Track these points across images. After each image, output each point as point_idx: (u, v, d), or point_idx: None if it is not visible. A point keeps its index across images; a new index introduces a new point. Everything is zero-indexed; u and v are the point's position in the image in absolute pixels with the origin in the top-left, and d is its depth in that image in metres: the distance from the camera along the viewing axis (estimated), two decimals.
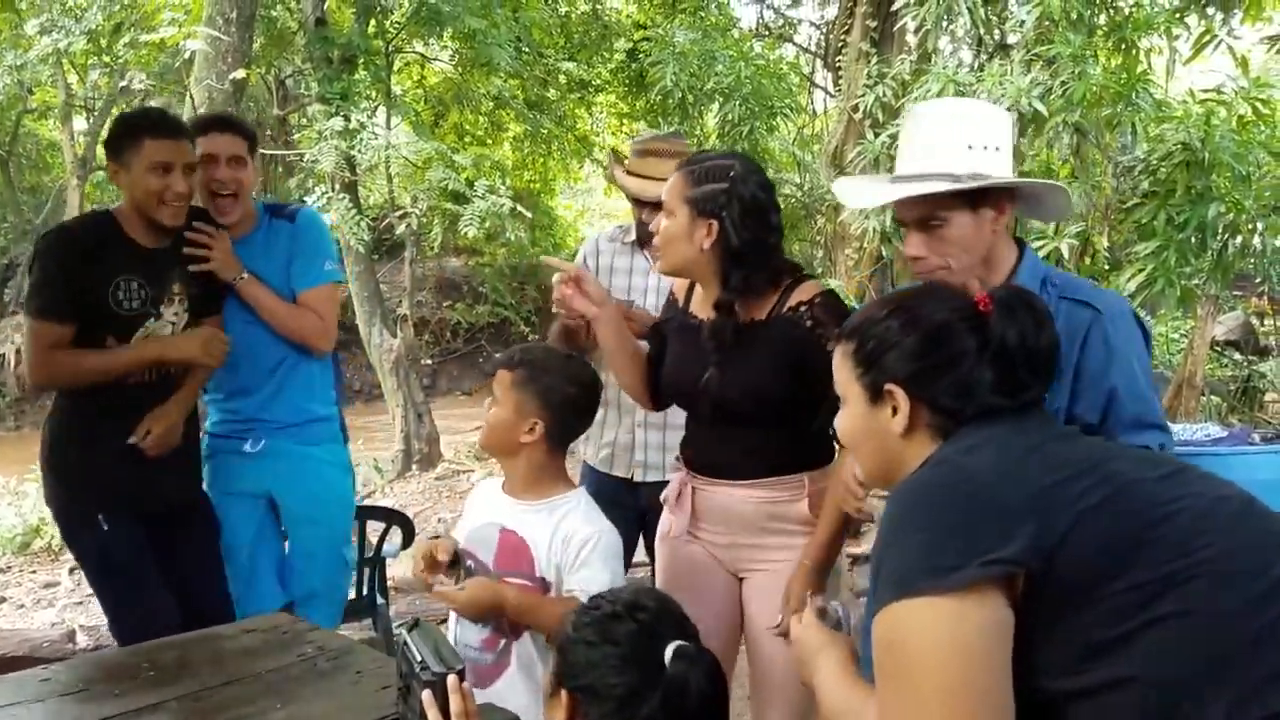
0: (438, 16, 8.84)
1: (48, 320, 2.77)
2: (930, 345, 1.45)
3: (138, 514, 2.89)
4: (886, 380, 1.46)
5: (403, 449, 9.61)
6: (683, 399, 2.49)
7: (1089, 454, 1.35)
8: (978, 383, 1.42)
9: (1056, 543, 1.22)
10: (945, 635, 1.21)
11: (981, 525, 1.25)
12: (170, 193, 2.77)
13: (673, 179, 2.34)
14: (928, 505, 1.31)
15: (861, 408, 1.51)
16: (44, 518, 6.84)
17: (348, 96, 8.98)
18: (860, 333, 1.52)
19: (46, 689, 2.04)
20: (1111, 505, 1.26)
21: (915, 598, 1.23)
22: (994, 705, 1.21)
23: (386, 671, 1.98)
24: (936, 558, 1.23)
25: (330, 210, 8.49)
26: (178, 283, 2.91)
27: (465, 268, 17.43)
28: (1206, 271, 5.33)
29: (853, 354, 1.52)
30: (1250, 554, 1.24)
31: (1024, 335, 1.44)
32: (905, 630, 1.24)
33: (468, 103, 12.69)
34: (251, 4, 6.51)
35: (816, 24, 12.77)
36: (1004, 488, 1.28)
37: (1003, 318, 1.45)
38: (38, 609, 5.76)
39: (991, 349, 1.43)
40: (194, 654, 2.23)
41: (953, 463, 1.35)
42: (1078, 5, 5.34)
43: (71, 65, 10.35)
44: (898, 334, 1.47)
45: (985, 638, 1.22)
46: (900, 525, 1.31)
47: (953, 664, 1.21)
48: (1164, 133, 5.16)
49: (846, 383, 1.53)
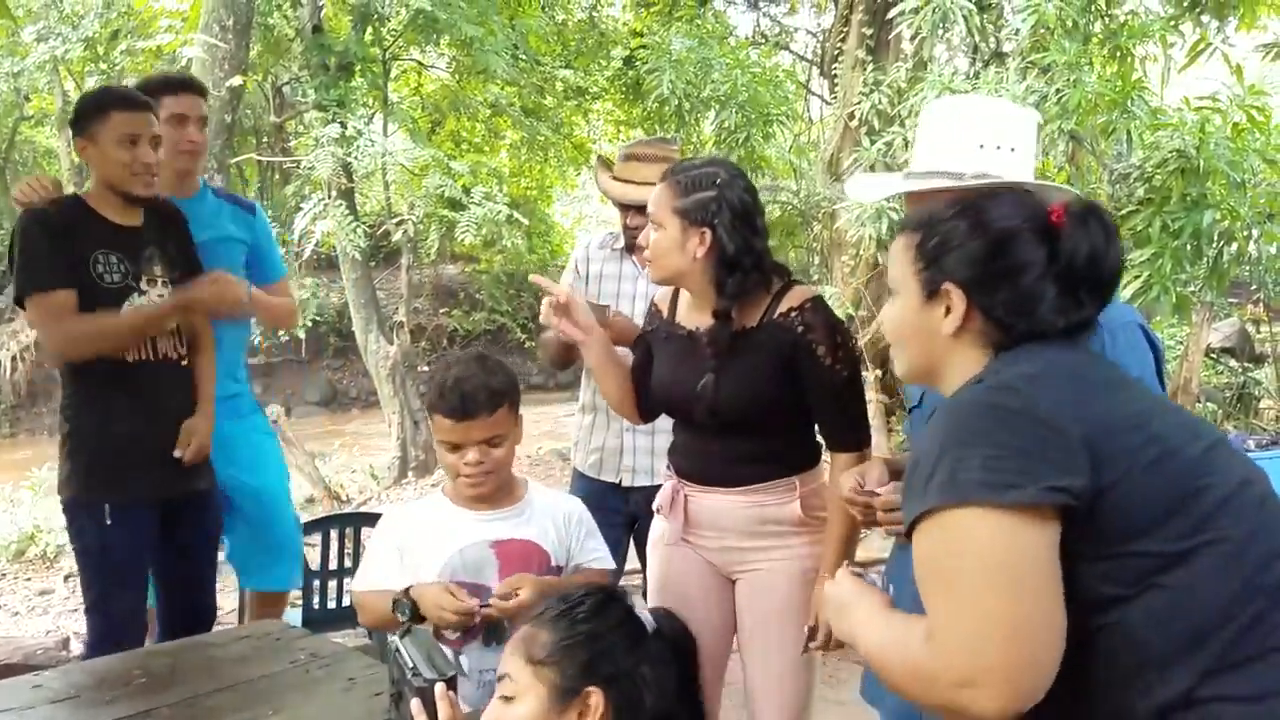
0: (434, 24, 8.85)
1: (47, 289, 2.76)
2: (996, 252, 1.40)
3: (147, 501, 2.88)
4: (946, 279, 1.41)
5: (399, 455, 9.59)
6: (675, 408, 2.46)
7: (1141, 409, 1.34)
8: (1039, 298, 1.38)
9: (1105, 489, 1.23)
10: (1002, 545, 1.20)
11: (1044, 453, 1.23)
12: (139, 164, 2.81)
13: (658, 190, 2.31)
14: (990, 423, 1.27)
15: (914, 302, 1.46)
16: (39, 525, 6.82)
17: (344, 103, 9.00)
18: (927, 226, 1.46)
19: (38, 696, 2.02)
20: (1157, 469, 1.26)
21: (972, 507, 1.21)
22: (1046, 613, 1.20)
23: (379, 678, 1.97)
24: (998, 474, 1.21)
25: (327, 217, 8.49)
26: (158, 265, 2.92)
27: (462, 275, 17.44)
28: (1202, 278, 5.35)
29: (915, 246, 1.46)
30: (1260, 542, 1.26)
31: (1094, 253, 1.38)
32: (961, 537, 1.23)
33: (465, 110, 12.71)
34: (248, 11, 6.53)
35: (813, 32, 12.80)
36: (1066, 423, 1.25)
37: (1075, 232, 1.39)
38: (32, 616, 5.73)
39: (1059, 264, 1.38)
40: (186, 661, 2.22)
41: (1016, 388, 1.31)
42: (1073, 13, 5.36)
43: (68, 72, 10.36)
44: (965, 235, 1.42)
45: (1039, 554, 1.21)
46: (959, 437, 1.28)
47: (1008, 572, 1.20)
48: (1159, 140, 5.17)
49: (903, 275, 1.48)
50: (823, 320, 2.29)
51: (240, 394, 3.37)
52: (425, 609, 2.05)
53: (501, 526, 2.20)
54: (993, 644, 1.18)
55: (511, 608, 2.04)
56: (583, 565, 2.25)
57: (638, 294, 3.22)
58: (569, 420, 8.98)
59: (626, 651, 1.50)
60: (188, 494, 2.94)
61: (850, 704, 2.39)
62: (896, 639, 1.34)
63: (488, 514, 2.21)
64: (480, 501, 2.21)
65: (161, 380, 2.90)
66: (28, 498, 7.32)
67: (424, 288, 16.26)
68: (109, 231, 2.84)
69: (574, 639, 1.51)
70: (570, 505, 2.33)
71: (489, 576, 2.16)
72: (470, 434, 2.13)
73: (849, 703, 2.43)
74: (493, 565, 2.17)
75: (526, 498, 2.27)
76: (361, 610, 2.26)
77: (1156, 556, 1.24)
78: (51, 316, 2.77)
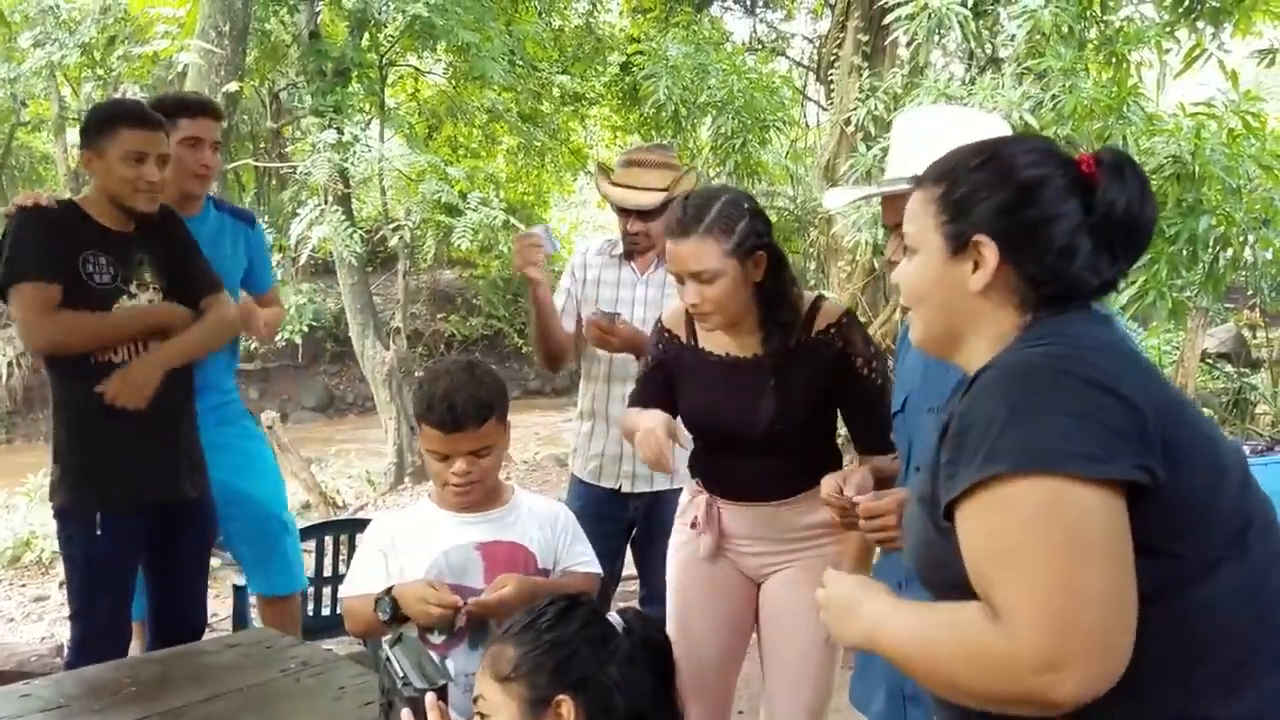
0: (431, 30, 8.86)
1: (32, 280, 2.74)
2: (1029, 200, 1.29)
3: (137, 506, 2.87)
4: (976, 231, 1.30)
5: (395, 461, 9.58)
6: (724, 432, 2.43)
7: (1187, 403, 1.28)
8: (1073, 252, 1.28)
9: (1170, 479, 1.15)
10: (1090, 518, 1.11)
11: (1122, 425, 1.14)
12: (143, 181, 2.82)
13: (698, 246, 2.25)
14: (1062, 390, 1.17)
15: (938, 258, 1.34)
16: (34, 531, 6.80)
17: (341, 109, 9.00)
18: (951, 177, 1.35)
19: (26, 705, 2.01)
20: (1211, 470, 1.21)
21: (1055, 477, 1.11)
22: (1128, 594, 1.12)
23: (369, 687, 1.96)
24: (1079, 444, 1.12)
25: (323, 222, 8.49)
26: (149, 272, 2.91)
27: (459, 280, 17.44)
28: (1198, 284, 5.34)
29: (939, 199, 1.35)
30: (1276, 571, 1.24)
31: (1130, 205, 1.29)
32: (1040, 507, 1.12)
33: (461, 116, 12.70)
34: (245, 17, 6.53)
35: (809, 38, 12.82)
36: (1136, 395, 1.16)
37: (1111, 183, 1.29)
38: (26, 623, 5.71)
39: (1095, 216, 1.28)
40: (176, 669, 2.21)
41: (1083, 356, 1.20)
42: (1068, 19, 5.36)
43: (65, 78, 10.35)
44: (993, 183, 1.31)
45: (1121, 531, 1.12)
46: (1027, 402, 1.17)
47: (1095, 547, 1.11)
48: (1155, 146, 5.17)
49: (924, 230, 1.36)
50: (859, 334, 2.38)
51: (229, 401, 3.40)
52: (407, 606, 2.04)
53: (487, 529, 2.20)
54: (1082, 622, 1.09)
55: (493, 600, 2.04)
56: (569, 569, 2.24)
57: (636, 299, 3.23)
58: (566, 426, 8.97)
59: (593, 655, 1.48)
60: (179, 500, 2.93)
61: (844, 710, 2.38)
62: (943, 625, 1.22)
63: (473, 517, 2.20)
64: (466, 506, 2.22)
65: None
66: (23, 504, 7.30)
67: (421, 293, 16.26)
68: (101, 234, 2.85)
69: (539, 649, 1.49)
70: (556, 510, 2.34)
71: (474, 578, 2.15)
72: (459, 446, 2.12)
73: (844, 709, 2.42)
74: (478, 567, 2.16)
75: (512, 502, 2.26)
76: (348, 617, 2.25)
77: (1187, 562, 1.17)
78: (35, 308, 2.74)
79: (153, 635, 3.00)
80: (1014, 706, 1.15)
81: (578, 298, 3.30)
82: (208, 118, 3.23)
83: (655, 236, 3.18)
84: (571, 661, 1.47)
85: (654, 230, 3.16)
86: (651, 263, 3.25)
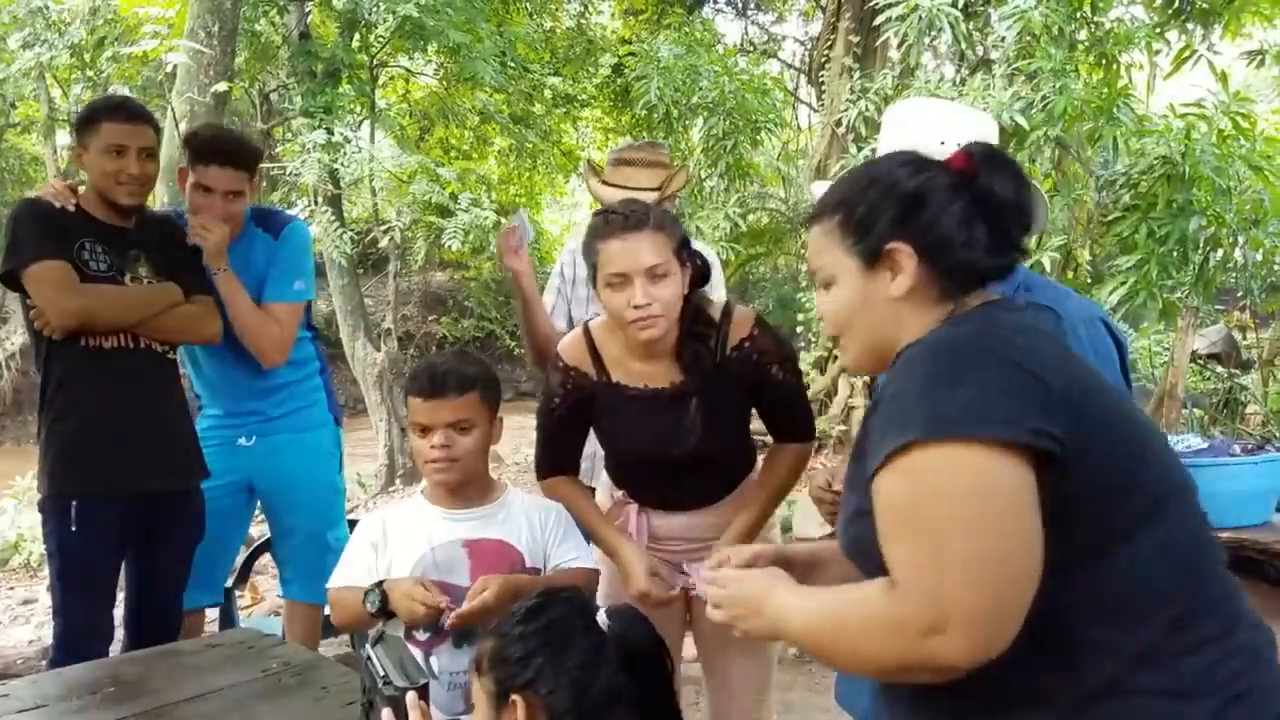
0: (422, 31, 8.83)
1: (46, 259, 2.76)
2: (924, 203, 1.38)
3: (116, 496, 2.85)
4: (886, 241, 1.38)
5: (386, 463, 9.57)
6: (650, 460, 2.40)
7: (1106, 382, 1.32)
8: (974, 239, 1.38)
9: (1082, 448, 1.19)
10: (984, 483, 1.15)
11: (1029, 396, 1.18)
12: (124, 174, 2.84)
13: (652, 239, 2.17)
14: (968, 361, 1.23)
15: (857, 279, 1.41)
16: (22, 533, 6.77)
17: (332, 110, 8.98)
18: (846, 203, 1.43)
19: (4, 705, 2.00)
20: (1130, 441, 1.26)
21: (955, 444, 1.16)
22: (1023, 557, 1.15)
23: (351, 687, 1.94)
24: (983, 410, 1.17)
25: (313, 223, 8.46)
26: (143, 266, 2.93)
27: (450, 281, 17.42)
28: (1188, 284, 5.35)
29: (840, 225, 1.43)
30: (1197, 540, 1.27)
31: (1008, 186, 1.40)
32: (940, 475, 1.16)
33: (452, 117, 12.68)
34: (234, 17, 6.50)
35: (800, 40, 12.85)
36: (1046, 371, 1.21)
37: (988, 172, 1.40)
38: (14, 626, 5.69)
39: (985, 205, 1.39)
40: (156, 669, 2.20)
41: (994, 332, 1.29)
42: (1059, 20, 5.36)
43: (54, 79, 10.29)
44: (887, 197, 1.40)
45: (1021, 496, 1.16)
46: (938, 373, 1.23)
47: (987, 511, 1.14)
48: (1145, 147, 5.18)
49: (836, 258, 1.43)
50: (770, 338, 2.34)
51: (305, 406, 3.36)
52: (395, 601, 2.04)
53: (474, 525, 2.20)
54: (966, 585, 1.13)
55: (476, 608, 2.03)
56: (561, 566, 2.23)
57: None
58: None
59: (554, 652, 1.46)
60: (164, 492, 2.92)
61: (833, 710, 2.37)
62: (845, 601, 1.27)
63: (461, 513, 2.20)
64: (453, 498, 2.21)
65: (140, 369, 2.89)
66: (11, 506, 7.27)
67: (412, 295, 16.25)
68: (94, 227, 2.88)
69: (503, 644, 1.49)
70: (547, 506, 2.33)
71: (460, 575, 2.14)
72: (438, 414, 2.13)
73: (832, 709, 2.41)
74: (464, 564, 2.16)
75: (503, 499, 2.26)
76: (333, 607, 2.24)
77: (1108, 528, 1.20)
78: (56, 283, 2.76)
79: (127, 631, 2.99)
80: (913, 674, 1.19)
81: (568, 297, 3.29)
82: (218, 165, 3.03)
83: None
84: (530, 658, 1.45)
85: None
86: None
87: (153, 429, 2.90)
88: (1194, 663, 1.19)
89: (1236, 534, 4.31)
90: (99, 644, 2.84)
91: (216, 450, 3.24)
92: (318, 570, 3.25)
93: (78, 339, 2.80)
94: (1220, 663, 1.20)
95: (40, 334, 2.85)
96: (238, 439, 3.26)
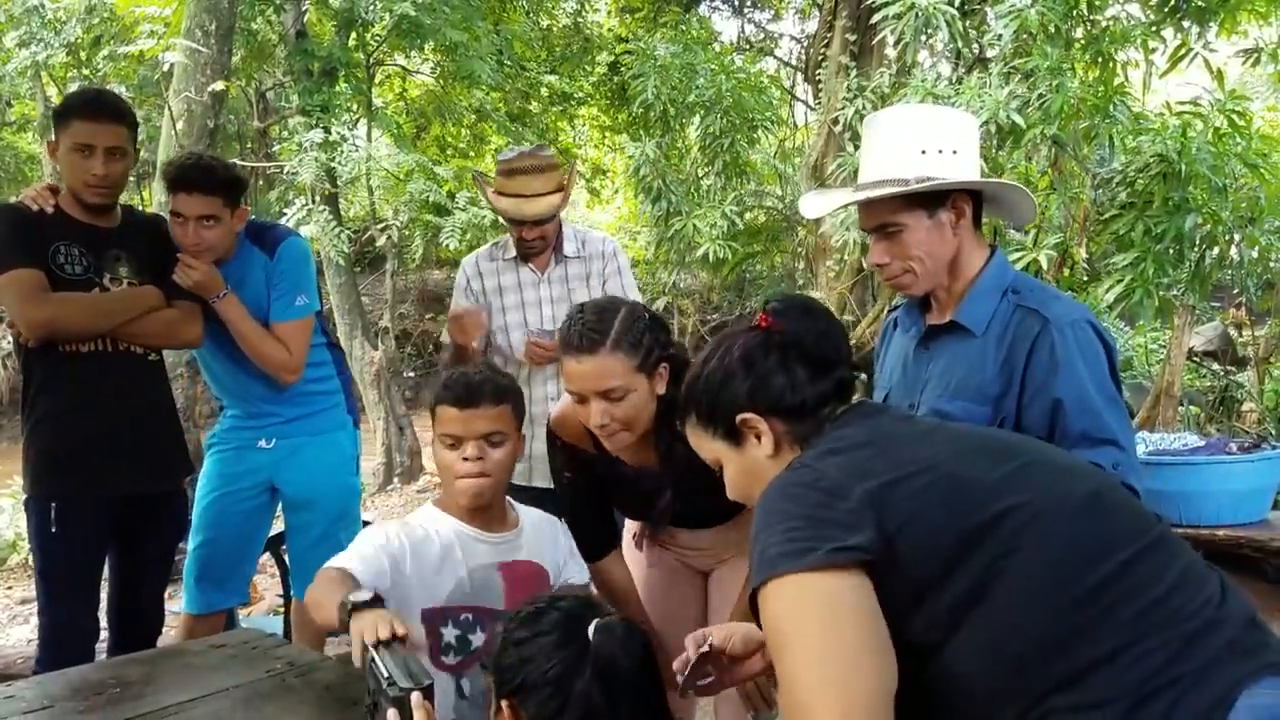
0: (418, 29, 8.83)
1: (18, 267, 2.75)
2: (746, 371, 1.59)
3: (95, 498, 2.86)
4: (734, 415, 1.59)
5: (384, 462, 9.56)
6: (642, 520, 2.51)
7: (932, 453, 1.45)
8: (798, 382, 1.58)
9: (893, 536, 1.33)
10: (810, 603, 1.30)
11: (829, 516, 1.35)
12: (90, 175, 2.81)
13: (604, 364, 2.10)
14: (786, 499, 1.41)
15: (733, 456, 1.63)
16: (20, 533, 6.76)
17: (328, 109, 8.98)
18: (692, 402, 1.66)
19: (10, 706, 2.00)
20: (944, 505, 1.36)
21: (781, 577, 1.32)
22: (870, 651, 1.27)
23: (356, 688, 1.95)
24: (795, 543, 1.33)
25: (310, 222, 8.46)
26: (124, 267, 2.92)
27: (447, 280, 17.36)
28: (1184, 282, 5.36)
29: (697, 420, 1.65)
30: (1074, 553, 1.32)
31: (810, 327, 1.62)
32: (780, 605, 1.33)
33: (449, 115, 12.66)
34: (231, 16, 6.49)
35: (797, 38, 12.86)
36: (849, 484, 1.37)
37: (789, 321, 1.62)
38: (13, 625, 5.69)
39: (795, 349, 1.59)
40: (161, 670, 2.20)
41: (808, 465, 1.46)
42: (1055, 19, 5.37)
43: (51, 78, 10.27)
44: (717, 381, 1.61)
45: (847, 603, 1.30)
46: (765, 518, 1.40)
47: (824, 624, 1.29)
48: (1141, 145, 5.19)
49: (710, 447, 1.66)
50: None
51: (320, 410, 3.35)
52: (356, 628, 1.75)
53: (506, 549, 2.16)
54: (819, 686, 1.25)
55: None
56: (570, 582, 2.24)
57: (542, 299, 3.35)
58: None
59: (541, 661, 1.47)
60: (145, 494, 2.93)
61: None
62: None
63: (494, 536, 2.16)
64: (481, 518, 2.15)
65: (118, 373, 2.90)
66: (8, 506, 7.26)
67: (409, 293, 16.23)
68: (74, 227, 2.87)
69: (502, 649, 1.54)
70: (554, 524, 2.32)
71: (494, 599, 2.11)
72: (472, 425, 2.08)
73: None
74: (499, 588, 2.12)
75: (521, 519, 2.24)
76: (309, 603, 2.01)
77: (962, 592, 1.30)
78: (24, 292, 2.75)
79: (114, 629, 3.02)
80: None
81: (485, 308, 3.37)
82: (185, 192, 2.95)
83: (550, 237, 3.31)
84: (517, 667, 1.49)
85: (548, 232, 3.29)
86: (549, 260, 3.35)
87: (131, 431, 2.91)
88: (1107, 671, 1.24)
89: (1233, 532, 4.33)
90: (84, 642, 2.85)
91: (237, 452, 3.28)
92: None
93: (54, 345, 2.81)
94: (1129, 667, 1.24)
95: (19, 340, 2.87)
96: (258, 441, 3.28)
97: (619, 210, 17.14)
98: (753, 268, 12.70)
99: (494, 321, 3.35)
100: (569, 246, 3.40)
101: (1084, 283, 5.66)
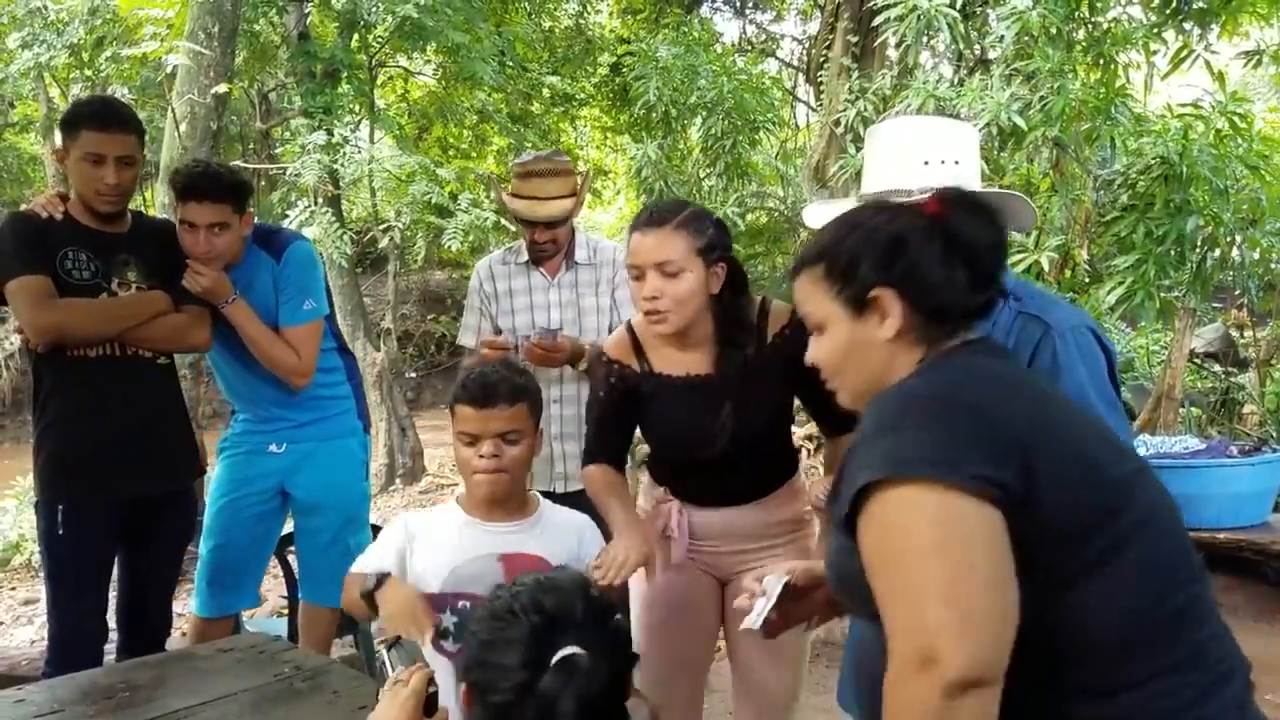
0: (421, 31, 8.83)
1: (26, 274, 2.78)
2: (901, 248, 1.44)
3: (104, 501, 2.88)
4: (871, 287, 1.44)
5: (386, 463, 9.58)
6: (689, 451, 2.42)
7: (1070, 422, 1.37)
8: (954, 280, 1.43)
9: (1032, 494, 1.23)
10: (943, 520, 1.20)
11: (979, 442, 1.25)
12: (102, 184, 2.83)
13: (669, 238, 2.23)
14: (925, 409, 1.30)
15: (845, 325, 1.48)
16: (24, 533, 6.78)
17: (331, 110, 8.99)
18: (828, 253, 1.50)
19: (20, 710, 2.02)
20: (1084, 484, 1.28)
21: (916, 483, 1.22)
22: (1001, 589, 1.19)
23: (364, 691, 1.97)
24: (938, 452, 1.23)
25: (313, 224, 8.47)
26: (133, 272, 2.94)
27: (449, 281, 17.40)
28: (1186, 284, 5.37)
29: (824, 275, 1.49)
30: (1162, 573, 1.29)
31: (980, 228, 1.46)
32: (909, 512, 1.23)
33: (451, 116, 12.68)
34: (234, 18, 6.50)
35: (799, 39, 12.84)
36: (998, 418, 1.28)
37: (958, 215, 1.46)
38: (17, 626, 5.70)
39: (961, 247, 1.44)
40: (170, 674, 2.22)
41: (946, 381, 1.36)
42: (1057, 20, 5.38)
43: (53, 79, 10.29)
44: (867, 245, 1.46)
45: (980, 531, 1.21)
46: (895, 421, 1.30)
47: (959, 545, 1.20)
48: (1142, 147, 5.20)
49: (823, 307, 1.50)
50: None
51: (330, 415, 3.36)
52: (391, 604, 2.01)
53: (510, 539, 2.19)
54: (943, 603, 1.17)
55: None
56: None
57: (551, 303, 3.34)
58: None
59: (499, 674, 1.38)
60: (152, 496, 2.95)
61: (834, 711, 2.39)
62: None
63: (499, 526, 2.19)
64: (491, 509, 2.19)
65: (126, 378, 2.91)
66: (12, 506, 7.28)
67: (411, 294, 16.24)
68: (82, 232, 2.89)
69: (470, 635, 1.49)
70: (582, 523, 2.32)
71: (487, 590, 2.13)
72: (489, 424, 2.13)
73: (832, 710, 2.43)
74: (499, 578, 2.12)
75: (539, 514, 2.26)
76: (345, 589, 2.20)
77: (1053, 572, 1.24)
78: (32, 298, 2.78)
79: (119, 633, 3.04)
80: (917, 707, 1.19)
81: (491, 314, 3.37)
82: (195, 201, 2.95)
83: (561, 242, 3.31)
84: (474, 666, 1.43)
85: (560, 236, 3.29)
86: (560, 265, 3.35)
87: (139, 435, 2.93)
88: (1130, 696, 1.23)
89: (1234, 535, 4.35)
90: (92, 645, 2.87)
91: (248, 456, 3.30)
92: (338, 574, 3.34)
93: (63, 350, 2.83)
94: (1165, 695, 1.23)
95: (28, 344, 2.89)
96: (269, 445, 3.30)
97: (620, 211, 17.13)
98: (754, 269, 12.70)
99: (502, 324, 3.36)
100: (580, 253, 3.42)
101: (1085, 284, 5.66)
